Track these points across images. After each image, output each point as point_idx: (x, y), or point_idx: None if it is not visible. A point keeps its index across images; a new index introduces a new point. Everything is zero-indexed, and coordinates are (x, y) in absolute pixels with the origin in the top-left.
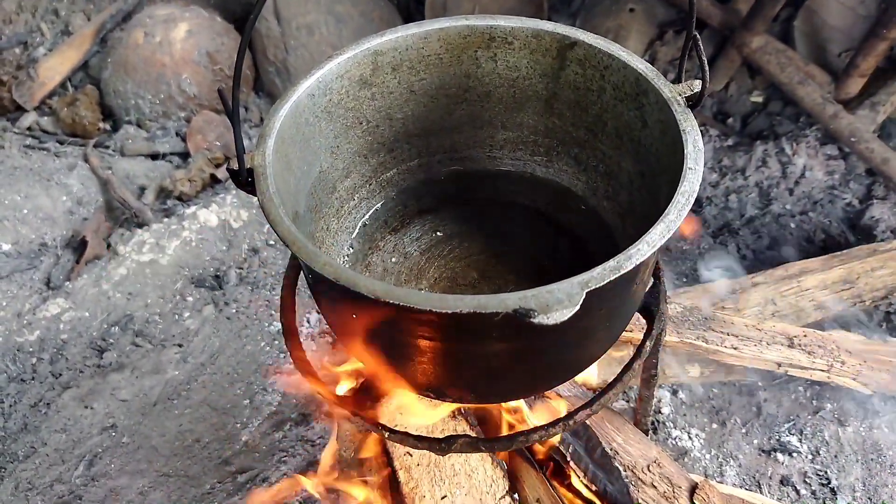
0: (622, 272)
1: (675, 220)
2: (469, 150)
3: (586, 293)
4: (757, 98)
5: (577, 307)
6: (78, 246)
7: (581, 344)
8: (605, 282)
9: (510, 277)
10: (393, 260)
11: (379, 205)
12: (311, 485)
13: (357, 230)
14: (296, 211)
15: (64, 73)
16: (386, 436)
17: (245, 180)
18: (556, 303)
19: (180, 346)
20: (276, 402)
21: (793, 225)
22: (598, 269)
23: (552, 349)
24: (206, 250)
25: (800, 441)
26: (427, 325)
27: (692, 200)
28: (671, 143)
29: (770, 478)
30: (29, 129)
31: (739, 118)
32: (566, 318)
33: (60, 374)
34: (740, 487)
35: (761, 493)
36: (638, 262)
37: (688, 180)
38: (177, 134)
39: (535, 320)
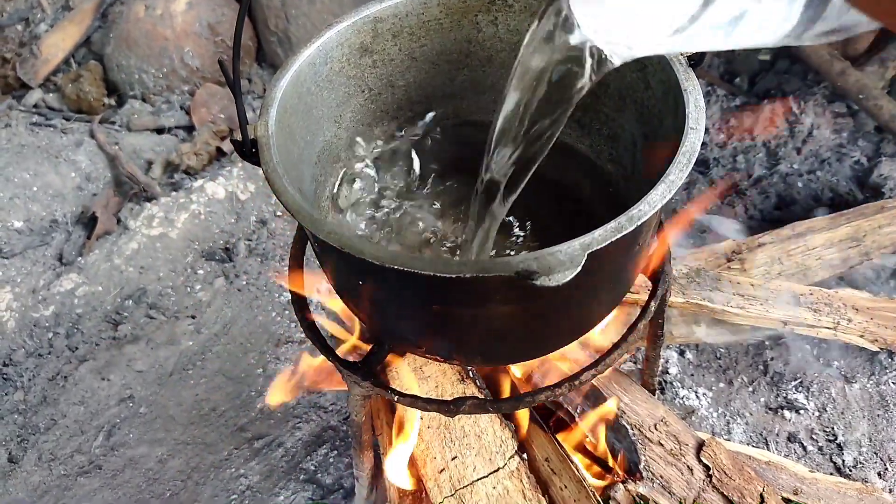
0: (624, 233)
1: (677, 180)
2: (472, 116)
3: (588, 254)
4: (764, 56)
5: (579, 269)
6: (88, 221)
7: (585, 305)
8: (607, 243)
9: (515, 241)
10: (398, 226)
11: (383, 172)
12: None
13: (361, 199)
14: (300, 181)
15: (67, 50)
16: (395, 399)
17: (249, 151)
18: (559, 264)
19: (193, 317)
20: (290, 370)
21: (800, 184)
22: (600, 230)
23: (556, 311)
24: (214, 223)
25: (806, 398)
26: (432, 290)
27: (693, 160)
28: (673, 103)
29: (777, 435)
30: (35, 106)
31: (746, 77)
32: (568, 279)
33: (77, 348)
34: (747, 445)
35: (769, 449)
36: (640, 223)
37: (689, 140)
38: (181, 108)
39: (538, 282)
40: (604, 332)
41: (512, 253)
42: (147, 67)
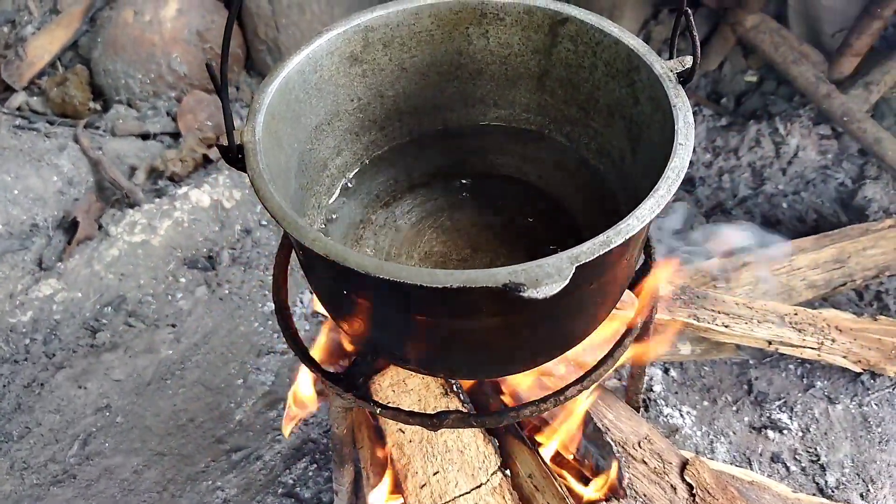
0: (612, 247)
1: (665, 195)
2: (461, 129)
3: (576, 267)
4: (751, 78)
5: (567, 281)
6: (69, 227)
7: (572, 319)
8: (595, 256)
9: (501, 251)
10: (384, 235)
11: (370, 181)
12: None
13: (348, 207)
14: (286, 188)
15: (53, 53)
16: (378, 412)
17: (235, 156)
18: (546, 277)
19: (173, 326)
20: (270, 381)
21: (785, 205)
22: (588, 243)
23: (543, 324)
24: (198, 231)
25: (790, 418)
26: (417, 301)
27: (682, 176)
28: (662, 119)
29: (760, 454)
30: (18, 109)
31: (733, 98)
32: (555, 292)
33: (54, 355)
34: (731, 464)
35: (752, 469)
36: (628, 237)
37: (678, 156)
38: (167, 114)
39: (525, 294)
40: (587, 349)
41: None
42: (134, 73)
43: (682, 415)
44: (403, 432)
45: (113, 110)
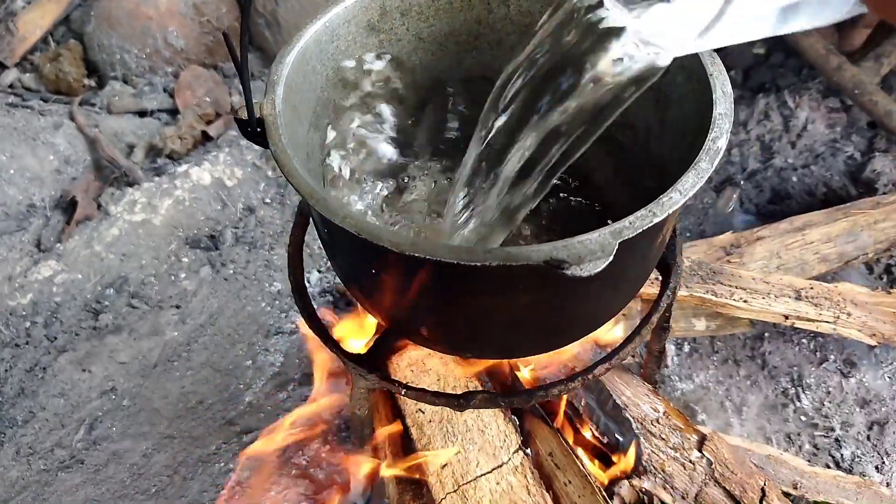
0: (655, 221)
1: (707, 167)
2: (478, 102)
3: (619, 243)
4: (759, 50)
5: (611, 258)
6: (67, 206)
7: (604, 297)
8: (638, 232)
9: (525, 231)
10: (402, 210)
11: (388, 156)
12: None
13: (365, 183)
14: (306, 162)
15: (45, 27)
16: (402, 392)
17: (254, 131)
18: (589, 254)
19: (178, 307)
20: (279, 362)
21: (794, 178)
22: (630, 218)
23: (576, 302)
24: (199, 210)
25: (804, 392)
26: (451, 279)
27: (724, 147)
28: (696, 89)
29: (776, 429)
30: (11, 86)
31: (741, 71)
32: (600, 269)
33: (56, 338)
34: (747, 438)
35: (767, 443)
36: (669, 212)
37: (718, 126)
38: (164, 90)
39: (569, 272)
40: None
41: (523, 242)
42: (129, 48)
43: (696, 390)
44: (423, 412)
45: (108, 87)
